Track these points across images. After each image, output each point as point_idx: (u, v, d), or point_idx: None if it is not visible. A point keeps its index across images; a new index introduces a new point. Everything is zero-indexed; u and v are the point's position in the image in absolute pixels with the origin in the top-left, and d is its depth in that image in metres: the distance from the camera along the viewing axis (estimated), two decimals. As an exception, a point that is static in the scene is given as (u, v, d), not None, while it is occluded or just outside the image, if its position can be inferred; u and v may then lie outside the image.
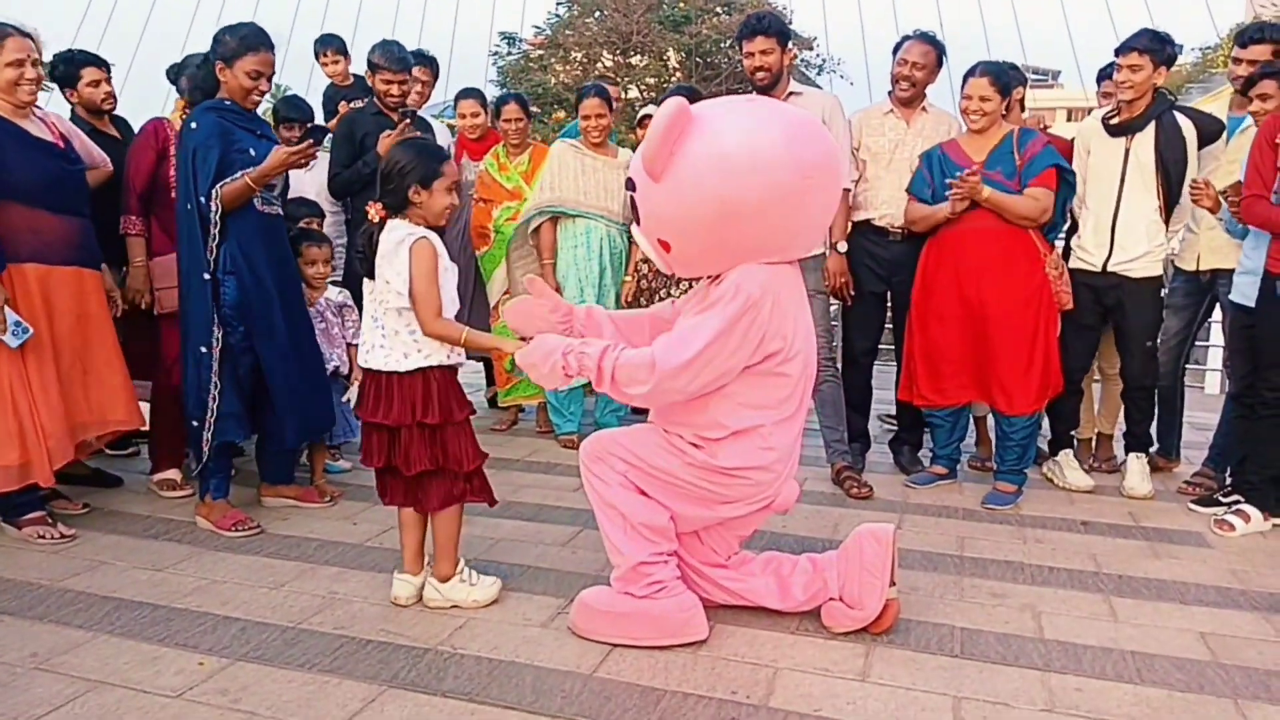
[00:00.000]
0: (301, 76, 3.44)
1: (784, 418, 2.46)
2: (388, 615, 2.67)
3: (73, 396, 3.29)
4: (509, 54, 24.67)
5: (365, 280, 2.68)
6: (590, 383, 2.42)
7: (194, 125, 3.28)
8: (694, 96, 3.46)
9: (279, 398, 3.43)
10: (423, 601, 2.71)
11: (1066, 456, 4.17)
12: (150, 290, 3.64)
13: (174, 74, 4.04)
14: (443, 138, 4.71)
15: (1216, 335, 6.88)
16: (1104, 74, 4.38)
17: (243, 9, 14.09)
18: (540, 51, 24.17)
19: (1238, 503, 3.62)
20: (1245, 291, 3.65)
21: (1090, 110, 4.84)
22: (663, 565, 2.49)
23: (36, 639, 2.50)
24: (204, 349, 3.29)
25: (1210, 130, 3.91)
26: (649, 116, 4.98)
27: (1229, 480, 3.90)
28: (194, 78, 3.52)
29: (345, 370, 3.89)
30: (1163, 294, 4.01)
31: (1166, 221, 3.84)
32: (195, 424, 3.36)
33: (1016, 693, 2.28)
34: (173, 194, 3.58)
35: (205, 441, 3.35)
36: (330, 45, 5.07)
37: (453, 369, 2.67)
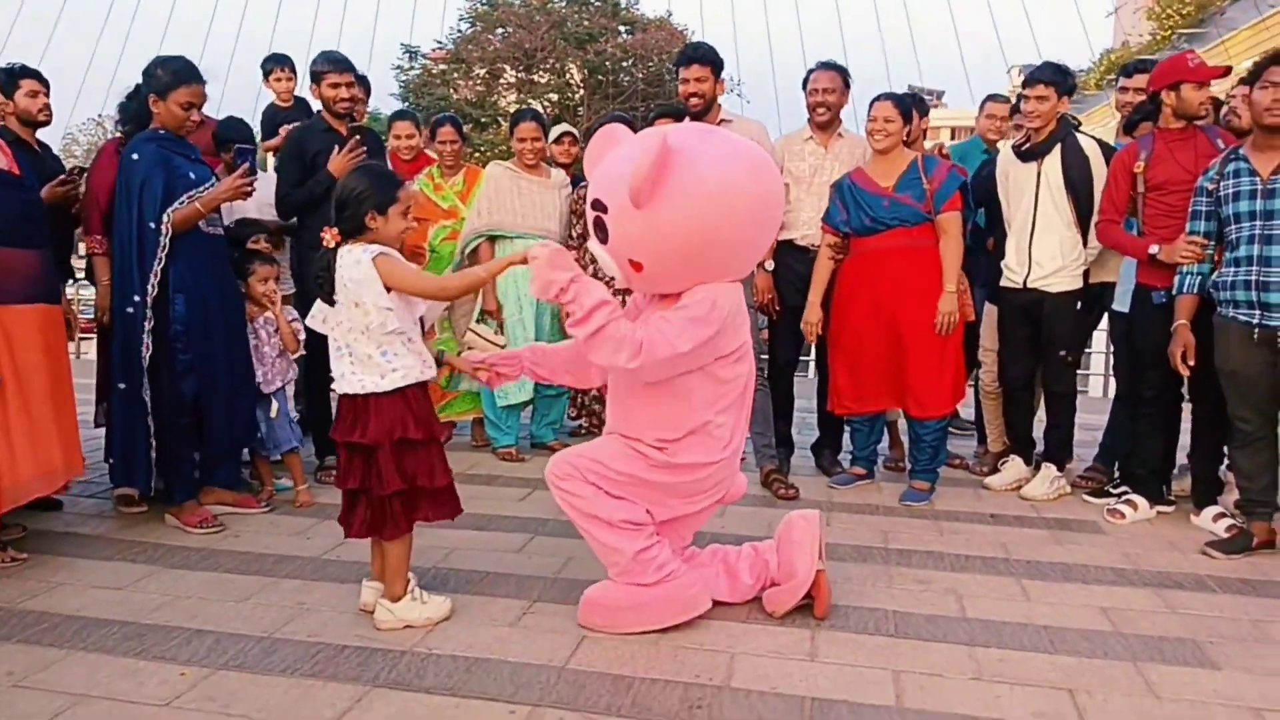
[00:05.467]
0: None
1: (734, 414, 2.69)
2: (359, 622, 2.78)
3: (40, 439, 3.22)
4: (410, 68, 24.54)
5: (317, 308, 2.74)
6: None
7: (135, 156, 3.47)
8: (627, 124, 3.68)
9: (213, 410, 3.63)
10: (375, 624, 2.73)
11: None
12: (110, 309, 3.66)
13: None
14: None
15: (1098, 343, 7.44)
16: (1014, 109, 4.71)
17: (120, 19, 13.79)
18: (442, 66, 24.10)
19: (1126, 493, 4.00)
20: (1124, 301, 4.05)
21: (972, 129, 5.26)
22: (660, 545, 2.68)
23: (8, 659, 2.52)
24: (122, 385, 3.48)
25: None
26: (567, 134, 5.18)
27: (1117, 474, 4.29)
28: (126, 109, 3.62)
29: (270, 388, 3.95)
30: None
31: (1084, 237, 4.11)
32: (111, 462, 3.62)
33: (948, 665, 2.54)
34: None
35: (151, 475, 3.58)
36: (283, 63, 5.09)
37: (424, 385, 2.74)
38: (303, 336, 3.92)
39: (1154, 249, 3.67)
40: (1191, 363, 3.51)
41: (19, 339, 3.18)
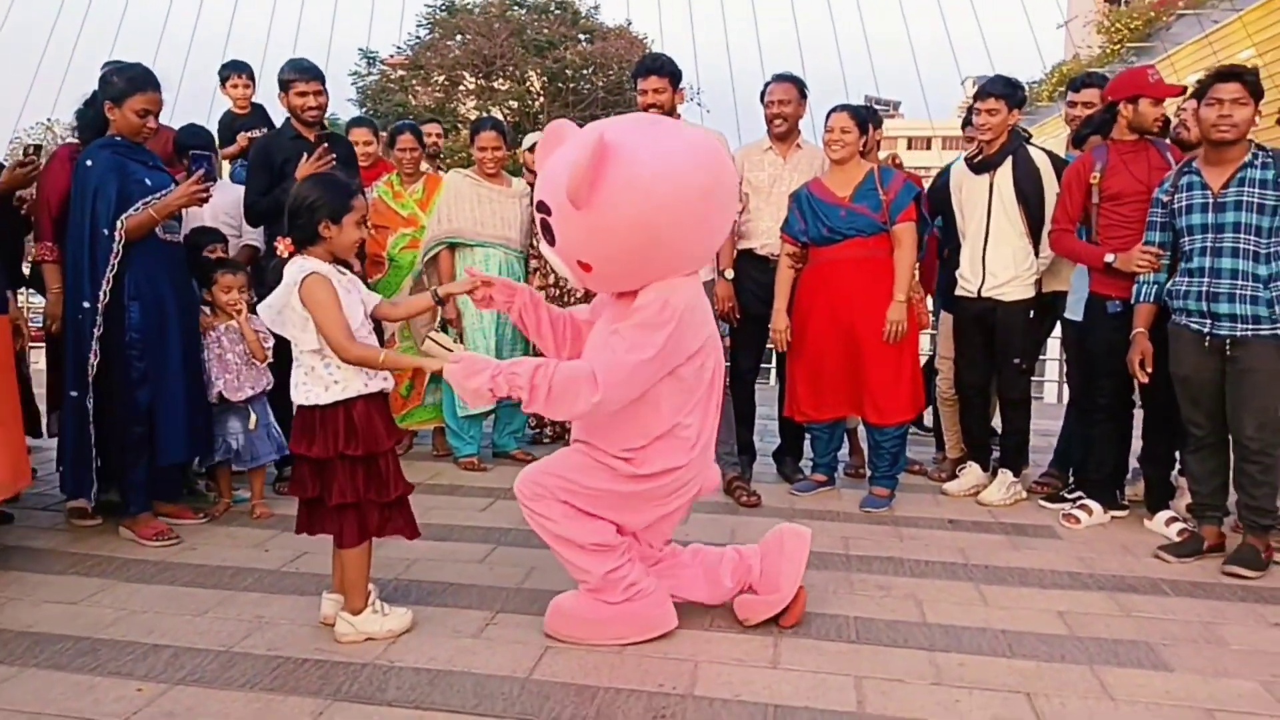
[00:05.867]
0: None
1: (701, 410, 2.68)
2: (319, 635, 2.75)
3: None
4: (368, 74, 24.41)
5: None
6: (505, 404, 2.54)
7: (89, 163, 3.44)
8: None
9: (165, 419, 3.57)
10: (335, 637, 2.70)
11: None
12: (62, 317, 3.59)
13: None
14: None
15: (1052, 350, 7.56)
16: (966, 122, 4.80)
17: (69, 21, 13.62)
18: (401, 72, 23.99)
19: (1081, 498, 4.08)
20: (1076, 309, 4.13)
21: (929, 139, 5.35)
22: (629, 565, 2.68)
23: (-43, 677, 2.47)
24: (73, 393, 3.43)
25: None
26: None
27: (1072, 479, 4.37)
28: (83, 117, 3.58)
29: (238, 395, 3.89)
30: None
31: (1036, 247, 4.18)
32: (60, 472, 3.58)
33: (909, 670, 2.57)
34: None
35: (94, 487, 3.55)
36: (240, 70, 5.02)
37: (375, 396, 2.69)
38: (270, 344, 3.87)
39: (1110, 257, 3.75)
40: (1150, 370, 3.58)
41: None
